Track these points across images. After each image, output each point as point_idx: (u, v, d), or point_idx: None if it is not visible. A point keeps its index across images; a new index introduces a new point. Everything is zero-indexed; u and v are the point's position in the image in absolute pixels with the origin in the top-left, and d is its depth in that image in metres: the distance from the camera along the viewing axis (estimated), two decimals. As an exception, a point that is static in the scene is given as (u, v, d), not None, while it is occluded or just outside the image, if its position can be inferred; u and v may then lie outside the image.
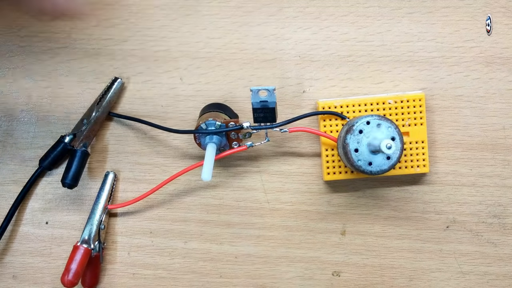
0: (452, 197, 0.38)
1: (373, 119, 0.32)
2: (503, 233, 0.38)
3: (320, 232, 0.38)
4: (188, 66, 0.38)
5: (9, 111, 0.38)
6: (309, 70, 0.38)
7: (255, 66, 0.37)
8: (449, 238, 0.38)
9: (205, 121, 0.34)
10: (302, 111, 0.38)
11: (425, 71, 0.37)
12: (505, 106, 0.37)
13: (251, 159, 0.38)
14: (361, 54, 0.37)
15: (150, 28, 0.38)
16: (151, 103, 0.38)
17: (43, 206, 0.39)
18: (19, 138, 0.38)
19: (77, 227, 0.38)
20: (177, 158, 0.38)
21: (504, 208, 0.38)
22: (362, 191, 0.38)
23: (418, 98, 0.36)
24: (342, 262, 0.38)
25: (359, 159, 0.32)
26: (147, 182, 0.38)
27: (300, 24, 0.37)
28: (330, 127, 0.36)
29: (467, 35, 0.37)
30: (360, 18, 0.37)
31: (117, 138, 0.38)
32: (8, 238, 0.38)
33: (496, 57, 0.37)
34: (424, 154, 0.36)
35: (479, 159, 0.38)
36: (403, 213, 0.38)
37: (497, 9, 0.37)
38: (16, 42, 0.38)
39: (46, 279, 0.39)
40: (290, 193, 0.38)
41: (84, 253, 0.36)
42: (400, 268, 0.38)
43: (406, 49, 0.37)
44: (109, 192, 0.37)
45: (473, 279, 0.38)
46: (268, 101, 0.33)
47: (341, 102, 0.36)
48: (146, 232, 0.39)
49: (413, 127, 0.36)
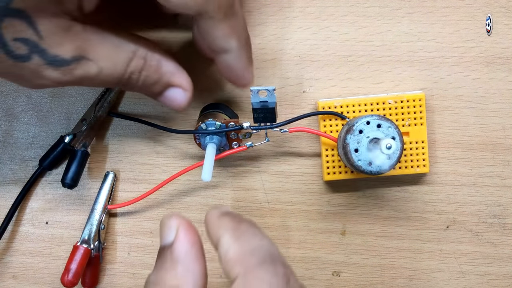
0: (452, 197, 0.38)
1: (373, 119, 0.32)
2: (503, 233, 0.38)
3: (320, 232, 0.38)
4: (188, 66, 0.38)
5: (9, 111, 0.38)
6: (309, 70, 0.38)
7: (255, 66, 0.37)
8: (449, 238, 0.38)
9: (205, 121, 0.34)
10: (302, 111, 0.38)
11: (425, 71, 0.37)
12: (505, 106, 0.37)
13: (251, 159, 0.38)
14: (361, 54, 0.37)
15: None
16: (151, 103, 0.38)
17: (43, 206, 0.39)
18: (19, 138, 0.38)
19: (77, 227, 0.38)
20: (177, 158, 0.38)
21: (504, 208, 0.38)
22: (362, 191, 0.38)
23: (418, 98, 0.36)
24: (342, 262, 0.38)
25: (359, 159, 0.32)
26: (147, 182, 0.38)
27: (300, 24, 0.37)
28: (330, 127, 0.36)
29: (467, 35, 0.37)
30: (360, 18, 0.37)
31: (117, 138, 0.38)
32: (8, 238, 0.38)
33: (496, 57, 0.37)
34: (424, 154, 0.36)
35: (479, 159, 0.38)
36: (403, 213, 0.38)
37: (497, 9, 0.37)
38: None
39: (46, 279, 0.39)
40: (290, 193, 0.38)
41: (84, 253, 0.36)
42: (400, 268, 0.38)
43: (406, 49, 0.37)
44: (109, 192, 0.37)
45: (473, 279, 0.38)
46: (268, 101, 0.33)
47: (341, 102, 0.36)
48: (146, 232, 0.39)
49: (413, 127, 0.36)
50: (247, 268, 0.23)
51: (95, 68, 0.28)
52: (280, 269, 0.23)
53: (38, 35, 0.26)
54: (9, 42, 0.25)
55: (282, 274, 0.23)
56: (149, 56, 0.31)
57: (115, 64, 0.29)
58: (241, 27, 0.31)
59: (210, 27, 0.29)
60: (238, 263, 0.23)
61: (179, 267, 0.24)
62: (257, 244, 0.24)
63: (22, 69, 0.26)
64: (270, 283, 0.22)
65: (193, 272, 0.24)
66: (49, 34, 0.26)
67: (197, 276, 0.24)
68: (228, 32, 0.30)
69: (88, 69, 0.28)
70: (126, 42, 0.30)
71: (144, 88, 0.31)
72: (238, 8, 0.30)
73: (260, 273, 0.23)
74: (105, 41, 0.29)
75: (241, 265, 0.23)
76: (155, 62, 0.31)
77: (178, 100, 0.32)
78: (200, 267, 0.24)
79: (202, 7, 0.28)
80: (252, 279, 0.22)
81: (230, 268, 0.23)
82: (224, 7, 0.29)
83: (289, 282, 0.23)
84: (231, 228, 0.25)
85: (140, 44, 0.30)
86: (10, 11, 0.25)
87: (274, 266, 0.23)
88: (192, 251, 0.25)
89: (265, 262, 0.23)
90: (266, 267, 0.23)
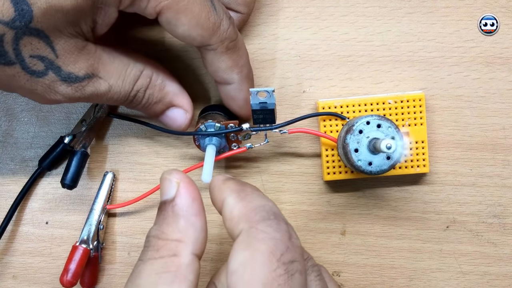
0: (452, 197, 0.38)
1: (373, 119, 0.32)
2: (503, 233, 0.38)
3: (320, 232, 0.38)
4: (188, 67, 0.38)
5: (9, 111, 0.38)
6: (309, 70, 0.37)
7: (255, 66, 0.37)
8: (449, 238, 0.38)
9: (204, 123, 0.34)
10: (302, 111, 0.37)
11: (425, 71, 0.37)
12: (505, 106, 0.37)
13: (251, 160, 0.38)
14: (361, 54, 0.37)
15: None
16: (151, 103, 0.38)
17: (43, 206, 0.39)
18: (19, 138, 0.38)
19: (77, 227, 0.38)
20: (177, 158, 0.38)
21: (504, 208, 0.38)
22: (362, 191, 0.38)
23: (418, 98, 0.36)
24: (342, 262, 0.38)
25: (359, 159, 0.32)
26: (147, 182, 0.38)
27: (300, 24, 0.37)
28: (330, 127, 0.36)
29: (467, 35, 0.37)
30: (360, 18, 0.37)
31: (117, 138, 0.38)
32: (8, 238, 0.38)
33: (496, 57, 0.37)
34: (424, 154, 0.36)
35: (479, 159, 0.38)
36: (403, 213, 0.38)
37: (497, 9, 0.37)
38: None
39: (46, 279, 0.39)
40: (290, 193, 0.38)
41: (82, 253, 0.36)
42: (400, 268, 0.38)
43: (406, 49, 0.37)
44: (107, 192, 0.37)
45: (473, 279, 0.38)
46: (268, 103, 0.33)
47: (341, 102, 0.36)
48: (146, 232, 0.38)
49: (413, 127, 0.36)
50: (251, 223, 0.24)
51: (105, 85, 0.30)
52: (283, 226, 0.24)
53: (55, 53, 0.28)
54: (27, 59, 0.27)
55: (285, 230, 0.24)
56: (154, 75, 0.32)
57: (123, 82, 0.31)
58: (244, 61, 0.32)
59: (213, 59, 0.31)
60: (242, 220, 0.24)
61: (181, 221, 0.25)
62: (261, 203, 0.25)
63: (36, 84, 0.28)
64: (273, 237, 0.23)
65: (194, 226, 0.25)
66: (64, 53, 0.28)
67: (199, 230, 0.25)
68: (230, 65, 0.32)
69: (99, 86, 0.30)
70: (133, 62, 0.31)
71: (148, 106, 0.33)
72: (241, 43, 0.32)
73: (264, 227, 0.24)
74: (115, 60, 0.30)
75: (246, 221, 0.24)
76: (159, 82, 0.33)
77: (178, 120, 0.34)
78: (201, 222, 0.26)
79: (206, 40, 0.30)
80: (256, 232, 0.23)
81: (234, 225, 0.24)
82: (227, 41, 0.31)
83: (291, 238, 0.24)
84: (236, 191, 0.26)
85: (146, 64, 0.32)
86: (29, 30, 0.26)
87: (278, 222, 0.24)
88: (194, 205, 0.26)
89: (268, 219, 0.24)
90: (270, 222, 0.24)
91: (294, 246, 0.24)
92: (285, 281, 0.23)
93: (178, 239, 0.25)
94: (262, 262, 0.23)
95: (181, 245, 0.25)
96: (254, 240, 0.23)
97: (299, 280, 0.23)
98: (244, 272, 0.23)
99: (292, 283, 0.23)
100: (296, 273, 0.23)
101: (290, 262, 0.23)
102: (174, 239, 0.25)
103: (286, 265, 0.23)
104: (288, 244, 0.24)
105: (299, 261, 0.24)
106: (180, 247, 0.25)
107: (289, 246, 0.24)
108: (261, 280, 0.22)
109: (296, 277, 0.23)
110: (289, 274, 0.23)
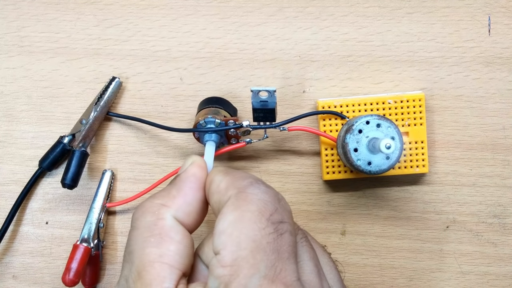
0: (452, 197, 0.38)
1: (373, 119, 0.32)
2: (503, 233, 0.38)
3: (320, 232, 0.38)
4: (188, 66, 0.38)
5: (9, 111, 0.38)
6: (309, 70, 0.38)
7: (255, 66, 0.37)
8: (449, 238, 0.38)
9: (205, 118, 0.34)
10: (302, 111, 0.38)
11: (425, 71, 0.37)
12: (505, 106, 0.37)
13: (251, 159, 0.38)
14: (361, 54, 0.37)
15: (150, 28, 0.38)
16: (151, 103, 0.38)
17: (43, 206, 0.39)
18: (19, 138, 0.38)
19: (77, 227, 0.38)
20: (177, 158, 0.38)
21: (504, 208, 0.38)
22: (362, 191, 0.38)
23: (418, 98, 0.36)
24: (342, 262, 0.38)
25: (359, 159, 0.32)
26: (147, 182, 0.38)
27: (300, 24, 0.37)
28: (330, 127, 0.36)
29: (467, 35, 0.37)
30: (360, 18, 0.37)
31: (117, 138, 0.38)
32: (8, 238, 0.38)
33: (496, 57, 0.37)
34: (423, 154, 0.36)
35: (479, 159, 0.38)
36: (403, 213, 0.38)
37: (497, 9, 0.37)
38: (16, 42, 0.38)
39: (46, 279, 0.39)
40: (290, 193, 0.38)
41: (84, 252, 0.36)
42: (400, 268, 0.38)
43: (406, 49, 0.37)
44: (107, 191, 0.37)
45: (473, 279, 0.38)
46: (268, 102, 0.33)
47: (341, 102, 0.36)
48: (146, 232, 0.38)
49: (413, 127, 0.36)
50: (240, 188, 0.24)
51: None
52: (271, 189, 0.25)
53: None
54: None
55: (274, 193, 0.25)
56: None
57: None
58: None
59: None
60: (230, 188, 0.25)
61: (173, 189, 0.27)
62: (247, 174, 0.26)
63: None
64: (262, 198, 0.24)
65: (185, 197, 0.26)
66: None
67: (188, 201, 0.26)
68: None
69: None
70: None
71: None
72: None
73: (253, 190, 0.24)
74: None
75: (234, 188, 0.25)
76: None
77: None
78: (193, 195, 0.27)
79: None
80: (245, 195, 0.24)
81: (223, 194, 0.25)
82: None
83: (280, 201, 0.25)
84: (223, 171, 0.27)
85: None
86: None
87: (266, 186, 0.25)
88: (193, 180, 0.27)
89: (256, 183, 0.25)
90: (258, 185, 0.25)
91: (283, 208, 0.25)
92: (274, 239, 0.23)
93: (162, 203, 0.26)
94: (251, 220, 0.23)
95: (163, 208, 0.26)
96: (243, 202, 0.24)
97: (289, 240, 0.24)
98: (233, 230, 0.23)
99: (282, 241, 0.23)
100: (286, 233, 0.24)
101: (279, 222, 0.24)
102: (157, 203, 0.26)
103: (276, 225, 0.23)
104: (277, 205, 0.24)
105: (289, 222, 0.24)
106: (162, 210, 0.26)
107: (278, 208, 0.24)
108: (251, 237, 0.23)
109: (285, 237, 0.24)
110: (278, 233, 0.23)
